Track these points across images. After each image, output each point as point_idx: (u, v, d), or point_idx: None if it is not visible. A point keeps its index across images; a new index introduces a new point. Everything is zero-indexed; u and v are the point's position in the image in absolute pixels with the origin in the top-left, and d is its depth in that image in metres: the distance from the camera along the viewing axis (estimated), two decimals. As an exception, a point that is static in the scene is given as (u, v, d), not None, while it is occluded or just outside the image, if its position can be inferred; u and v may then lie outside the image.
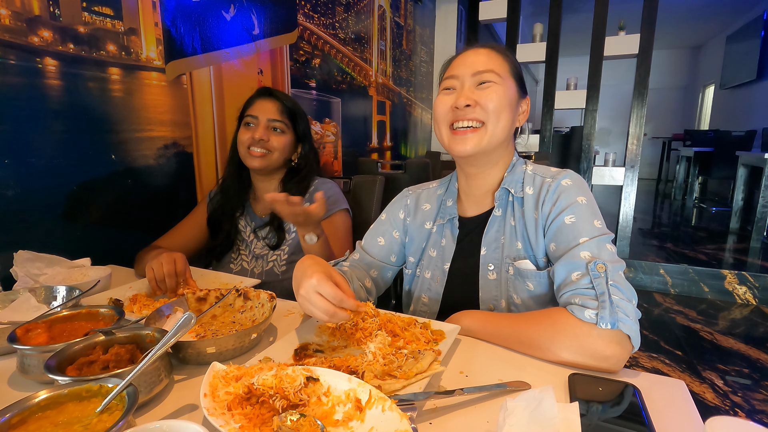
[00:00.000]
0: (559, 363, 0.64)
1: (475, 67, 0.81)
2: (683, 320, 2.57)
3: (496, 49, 0.86)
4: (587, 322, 0.62)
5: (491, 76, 0.80)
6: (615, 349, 0.60)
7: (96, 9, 1.23)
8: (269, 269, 1.22)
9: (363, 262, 0.96)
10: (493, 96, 0.79)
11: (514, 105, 0.83)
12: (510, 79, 0.83)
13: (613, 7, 3.14)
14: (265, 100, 1.23)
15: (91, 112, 1.23)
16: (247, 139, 1.19)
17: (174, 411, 0.55)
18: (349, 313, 0.65)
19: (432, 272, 0.93)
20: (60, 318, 0.69)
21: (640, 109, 3.03)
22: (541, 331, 0.66)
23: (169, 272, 0.92)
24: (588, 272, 0.67)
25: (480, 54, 0.84)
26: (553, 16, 3.24)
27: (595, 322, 0.61)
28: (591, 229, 0.73)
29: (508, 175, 0.87)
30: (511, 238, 0.84)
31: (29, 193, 1.09)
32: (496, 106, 0.79)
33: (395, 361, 0.58)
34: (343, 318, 0.65)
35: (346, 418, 0.48)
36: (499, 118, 0.80)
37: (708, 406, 1.74)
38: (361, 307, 0.66)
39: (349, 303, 0.65)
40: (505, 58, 0.85)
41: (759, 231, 3.59)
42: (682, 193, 6.40)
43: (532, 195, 0.83)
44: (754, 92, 6.06)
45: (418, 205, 0.98)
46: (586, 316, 0.62)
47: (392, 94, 3.65)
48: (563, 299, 0.69)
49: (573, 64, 5.47)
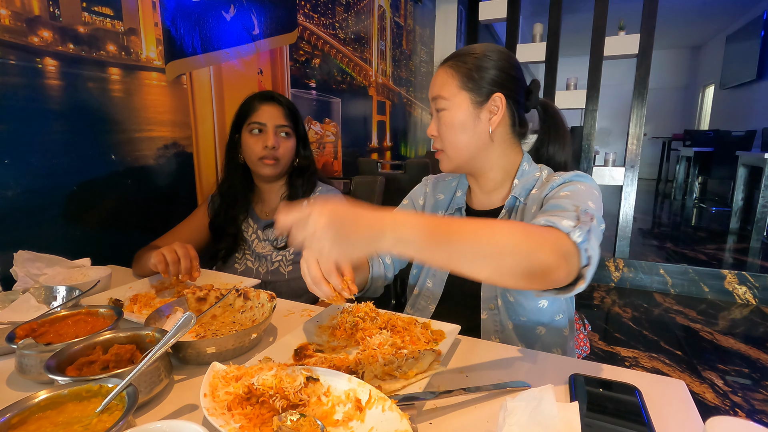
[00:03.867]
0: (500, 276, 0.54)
1: (431, 92, 0.87)
2: (683, 320, 2.57)
3: (451, 63, 0.85)
4: (559, 228, 0.58)
5: (441, 103, 0.84)
6: (568, 256, 0.56)
7: (96, 9, 1.23)
8: (275, 269, 1.23)
9: None
10: (443, 124, 0.84)
11: (470, 120, 0.83)
12: (460, 95, 0.82)
13: (613, 7, 3.14)
14: (270, 105, 1.21)
15: (91, 112, 1.23)
16: (259, 149, 1.18)
17: (174, 411, 0.55)
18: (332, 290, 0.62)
19: None
20: (60, 318, 0.69)
21: (640, 109, 3.03)
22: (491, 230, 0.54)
23: (184, 254, 0.93)
24: (575, 211, 0.63)
25: (437, 75, 0.86)
26: (553, 16, 3.23)
27: (568, 232, 0.58)
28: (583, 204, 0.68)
29: (519, 182, 0.87)
30: None
31: (29, 193, 1.09)
32: (445, 134, 0.84)
33: (395, 361, 0.58)
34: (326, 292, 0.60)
35: (346, 418, 0.48)
36: (453, 143, 0.85)
37: (708, 406, 1.74)
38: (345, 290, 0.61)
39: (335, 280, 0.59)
40: (455, 72, 0.83)
41: (759, 231, 3.59)
42: (682, 193, 6.40)
43: (537, 194, 0.84)
44: (754, 92, 6.06)
45: (435, 193, 1.02)
46: (563, 224, 0.59)
47: (392, 94, 3.65)
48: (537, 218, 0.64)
49: (573, 64, 5.47)
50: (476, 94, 0.83)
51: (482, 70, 0.83)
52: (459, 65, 0.83)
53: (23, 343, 0.59)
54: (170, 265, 0.92)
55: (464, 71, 0.83)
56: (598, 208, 0.71)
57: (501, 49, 0.86)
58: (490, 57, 0.83)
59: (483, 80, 0.83)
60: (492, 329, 0.86)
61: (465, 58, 0.84)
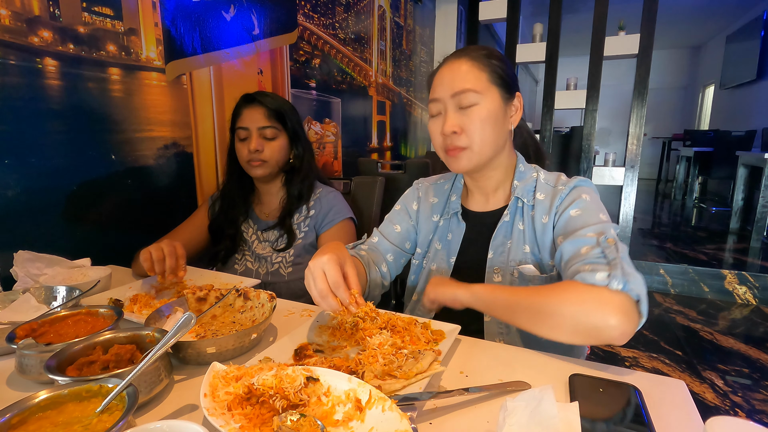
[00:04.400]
0: (560, 339, 0.62)
1: (453, 87, 0.80)
2: (683, 320, 2.57)
3: (472, 56, 0.82)
4: (597, 285, 0.61)
5: (470, 97, 0.80)
6: (625, 314, 0.59)
7: (96, 9, 1.23)
8: (275, 270, 1.23)
9: (381, 246, 0.99)
10: (474, 119, 0.80)
11: (500, 116, 0.82)
12: (491, 89, 0.81)
13: (613, 7, 3.14)
14: (250, 108, 1.20)
15: (91, 112, 1.23)
16: (245, 153, 1.19)
17: (174, 411, 0.54)
18: (339, 305, 0.64)
19: (438, 265, 0.95)
20: (60, 318, 0.69)
21: (640, 109, 3.03)
22: (544, 298, 0.64)
23: (170, 252, 0.92)
24: (599, 244, 0.68)
25: (456, 69, 0.82)
26: (553, 16, 3.23)
27: (607, 284, 0.60)
28: (596, 219, 0.75)
29: (519, 184, 0.88)
30: (518, 242, 0.86)
31: (29, 193, 1.09)
32: (478, 129, 0.80)
33: (395, 361, 0.58)
34: (332, 305, 0.64)
35: (346, 418, 0.48)
36: (483, 139, 0.81)
37: (708, 406, 1.74)
38: (352, 305, 0.65)
39: (343, 294, 0.64)
40: (483, 66, 0.81)
41: (759, 231, 3.59)
42: (682, 193, 6.40)
43: (543, 200, 0.85)
44: (754, 92, 6.06)
45: (427, 197, 1.01)
46: (597, 279, 0.61)
47: (392, 94, 3.65)
48: (572, 270, 0.68)
49: (573, 64, 5.47)
50: (505, 90, 0.83)
51: (506, 68, 0.84)
52: (484, 60, 0.82)
53: (23, 343, 0.59)
54: (155, 263, 0.91)
55: (492, 67, 0.82)
56: (606, 215, 0.77)
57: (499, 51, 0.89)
58: (504, 58, 0.85)
59: (509, 78, 0.84)
60: (496, 331, 0.86)
61: (484, 53, 0.83)
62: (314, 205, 1.26)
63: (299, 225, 1.25)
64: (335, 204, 1.26)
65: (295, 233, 1.24)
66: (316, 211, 1.26)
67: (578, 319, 0.60)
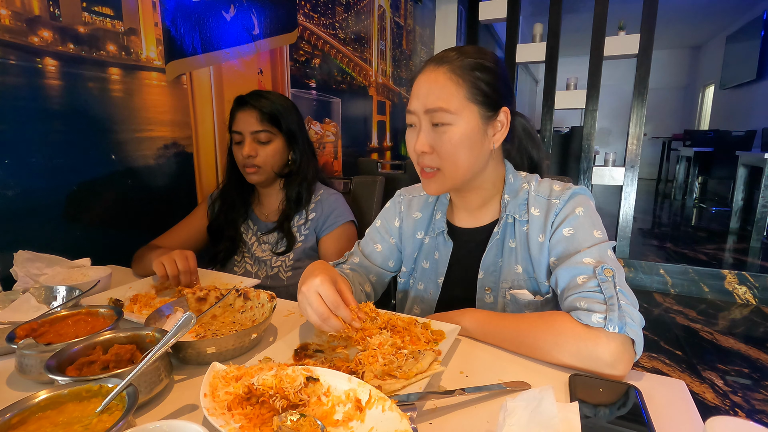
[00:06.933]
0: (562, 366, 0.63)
1: (426, 104, 0.73)
2: (683, 320, 2.57)
3: (453, 66, 0.73)
4: (593, 327, 0.60)
5: (442, 116, 0.72)
6: (620, 356, 0.59)
7: (96, 9, 1.23)
8: (274, 274, 1.22)
9: (362, 266, 0.95)
10: (445, 142, 0.73)
11: (476, 138, 0.74)
12: (468, 108, 0.73)
13: (613, 7, 3.14)
14: (243, 111, 1.18)
15: (91, 112, 1.23)
16: (240, 159, 1.18)
17: (174, 411, 0.54)
18: (342, 323, 0.64)
19: (425, 284, 0.92)
20: (60, 318, 0.69)
21: (640, 109, 3.03)
22: (543, 336, 0.64)
23: (184, 269, 0.93)
24: (595, 276, 0.66)
25: (433, 81, 0.73)
26: (553, 16, 3.23)
27: (603, 326, 0.60)
28: (591, 239, 0.72)
29: (510, 198, 0.82)
30: (510, 262, 0.81)
31: (29, 193, 1.09)
32: (449, 152, 0.73)
33: (395, 361, 0.58)
34: (335, 326, 0.63)
35: (346, 418, 0.48)
36: (455, 163, 0.75)
37: (708, 406, 1.74)
38: (355, 321, 0.65)
39: (344, 312, 0.64)
40: (462, 80, 0.73)
41: (759, 231, 3.59)
42: (682, 193, 6.40)
43: (539, 217, 0.78)
44: (754, 92, 6.06)
45: (410, 212, 0.94)
46: (593, 320, 0.60)
47: (392, 94, 3.64)
48: (568, 302, 0.67)
49: (573, 64, 5.47)
50: (486, 108, 0.74)
51: (492, 80, 0.74)
52: (465, 72, 0.73)
53: (23, 343, 0.59)
54: (170, 279, 0.92)
55: (472, 81, 0.73)
56: (602, 230, 0.73)
57: (493, 53, 0.79)
58: (493, 66, 0.75)
59: (495, 93, 0.74)
60: None
61: (468, 63, 0.73)
62: (315, 208, 1.24)
63: (299, 228, 1.24)
64: (336, 207, 1.24)
65: (295, 237, 1.22)
66: (317, 214, 1.24)
67: (575, 358, 0.61)
